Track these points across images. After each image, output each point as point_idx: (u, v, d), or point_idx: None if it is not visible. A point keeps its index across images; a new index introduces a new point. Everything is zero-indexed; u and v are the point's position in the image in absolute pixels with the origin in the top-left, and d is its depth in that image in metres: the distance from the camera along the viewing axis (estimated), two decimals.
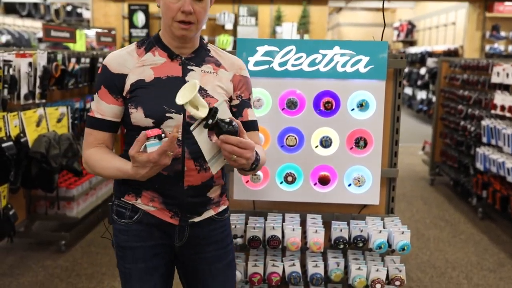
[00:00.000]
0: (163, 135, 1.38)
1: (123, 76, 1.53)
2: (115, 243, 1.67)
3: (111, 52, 1.60)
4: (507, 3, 8.94)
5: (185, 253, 1.67)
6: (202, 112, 1.35)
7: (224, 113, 1.41)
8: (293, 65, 2.11)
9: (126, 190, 1.60)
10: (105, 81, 1.54)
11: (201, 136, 1.39)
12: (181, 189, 1.56)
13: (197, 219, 1.62)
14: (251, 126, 1.66)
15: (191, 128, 1.38)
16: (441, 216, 4.93)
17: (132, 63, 1.55)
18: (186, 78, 1.54)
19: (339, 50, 2.10)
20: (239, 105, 1.64)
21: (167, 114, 1.50)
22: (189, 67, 1.58)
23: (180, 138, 1.52)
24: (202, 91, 1.55)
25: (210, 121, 1.35)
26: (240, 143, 1.35)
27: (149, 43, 1.60)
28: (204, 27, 8.58)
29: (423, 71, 11.06)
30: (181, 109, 1.50)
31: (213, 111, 1.35)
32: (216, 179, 1.63)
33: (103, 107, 1.55)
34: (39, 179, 3.38)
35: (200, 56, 1.61)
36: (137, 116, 1.51)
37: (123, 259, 1.65)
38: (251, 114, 1.67)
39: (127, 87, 1.53)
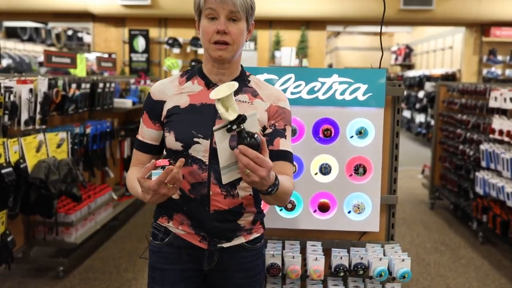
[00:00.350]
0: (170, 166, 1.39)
1: (162, 103, 1.63)
2: (148, 264, 1.72)
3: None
4: (503, 28, 9.05)
5: (214, 277, 1.68)
6: (230, 115, 1.35)
7: (252, 126, 1.38)
8: (292, 93, 2.13)
9: (161, 212, 1.68)
10: (147, 107, 1.66)
11: (222, 141, 1.39)
12: (207, 214, 1.59)
13: (226, 245, 1.63)
14: (282, 155, 1.62)
15: (214, 128, 1.38)
16: (442, 240, 4.91)
17: (171, 91, 1.63)
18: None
19: (337, 78, 2.12)
20: (271, 134, 1.62)
21: (195, 139, 1.56)
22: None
23: (207, 163, 1.56)
24: None
25: (234, 127, 1.34)
26: (256, 158, 1.33)
27: (192, 73, 1.68)
28: (203, 51, 8.63)
29: (421, 94, 11.13)
30: (208, 135, 1.55)
31: (240, 118, 1.34)
32: (246, 206, 1.63)
33: (144, 130, 1.67)
34: (38, 205, 3.37)
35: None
36: (170, 139, 1.58)
37: (153, 280, 1.69)
38: (284, 144, 1.63)
39: (164, 112, 1.62)
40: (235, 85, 1.39)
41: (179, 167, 1.37)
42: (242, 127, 1.35)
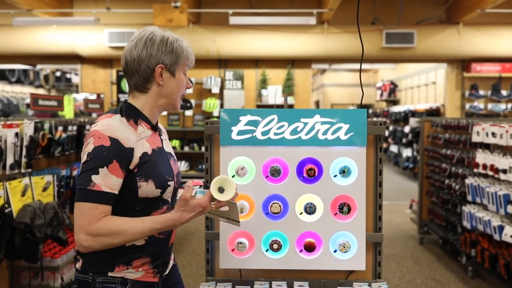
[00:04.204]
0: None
1: (132, 150, 1.59)
2: None
3: (107, 121, 1.60)
4: (484, 63, 9.29)
5: None
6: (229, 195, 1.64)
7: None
8: (275, 134, 2.16)
9: (114, 263, 1.62)
10: (118, 156, 1.55)
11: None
12: (168, 248, 1.76)
13: (167, 271, 1.82)
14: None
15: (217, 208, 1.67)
16: (432, 276, 4.89)
17: (134, 137, 1.61)
18: (164, 148, 1.77)
19: (319, 119, 2.16)
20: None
21: (168, 183, 1.68)
22: (161, 137, 1.78)
23: (171, 202, 1.71)
24: (172, 157, 1.80)
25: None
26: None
27: (132, 116, 1.66)
28: (191, 91, 8.66)
29: (407, 129, 11.28)
30: (173, 176, 1.72)
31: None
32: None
33: (113, 181, 1.54)
34: (23, 249, 3.32)
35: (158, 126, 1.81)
36: (148, 188, 1.60)
37: None
38: None
39: (135, 160, 1.58)
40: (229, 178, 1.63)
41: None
42: None
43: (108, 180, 1.53)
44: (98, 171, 1.52)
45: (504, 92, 9.60)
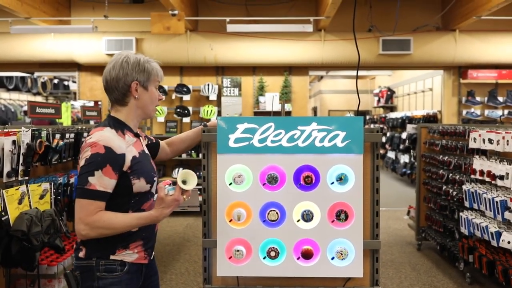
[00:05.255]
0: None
1: (124, 155, 1.90)
2: None
3: (100, 133, 1.89)
4: (480, 70, 9.33)
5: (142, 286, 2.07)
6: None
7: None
8: (272, 141, 2.17)
9: (115, 247, 1.94)
10: (110, 161, 1.86)
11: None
12: (154, 233, 2.09)
13: (152, 255, 2.10)
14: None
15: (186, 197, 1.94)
16: (430, 282, 4.88)
17: (124, 145, 1.93)
18: (145, 150, 2.11)
19: (316, 126, 2.17)
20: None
21: (154, 178, 2.04)
22: (142, 142, 2.12)
23: (154, 193, 2.03)
24: (150, 158, 2.11)
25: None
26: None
27: (119, 127, 1.99)
28: (188, 97, 8.62)
29: (404, 135, 11.30)
30: (156, 173, 2.08)
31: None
32: None
33: (106, 182, 1.85)
34: (20, 257, 3.31)
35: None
36: (141, 184, 1.95)
37: None
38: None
39: (127, 163, 1.91)
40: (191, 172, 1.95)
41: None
42: None
43: (102, 181, 1.84)
44: (94, 173, 1.84)
45: (500, 99, 9.63)
